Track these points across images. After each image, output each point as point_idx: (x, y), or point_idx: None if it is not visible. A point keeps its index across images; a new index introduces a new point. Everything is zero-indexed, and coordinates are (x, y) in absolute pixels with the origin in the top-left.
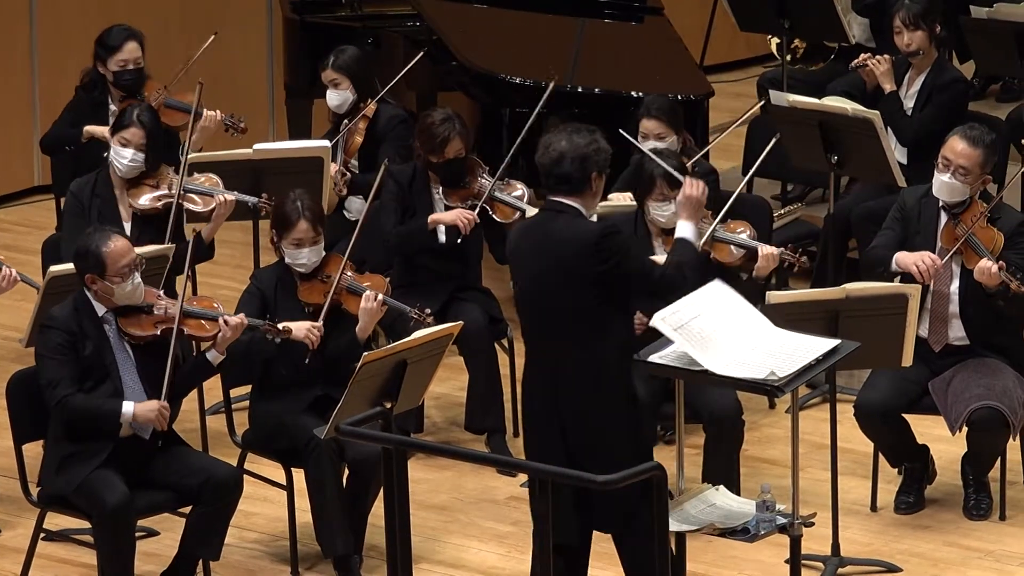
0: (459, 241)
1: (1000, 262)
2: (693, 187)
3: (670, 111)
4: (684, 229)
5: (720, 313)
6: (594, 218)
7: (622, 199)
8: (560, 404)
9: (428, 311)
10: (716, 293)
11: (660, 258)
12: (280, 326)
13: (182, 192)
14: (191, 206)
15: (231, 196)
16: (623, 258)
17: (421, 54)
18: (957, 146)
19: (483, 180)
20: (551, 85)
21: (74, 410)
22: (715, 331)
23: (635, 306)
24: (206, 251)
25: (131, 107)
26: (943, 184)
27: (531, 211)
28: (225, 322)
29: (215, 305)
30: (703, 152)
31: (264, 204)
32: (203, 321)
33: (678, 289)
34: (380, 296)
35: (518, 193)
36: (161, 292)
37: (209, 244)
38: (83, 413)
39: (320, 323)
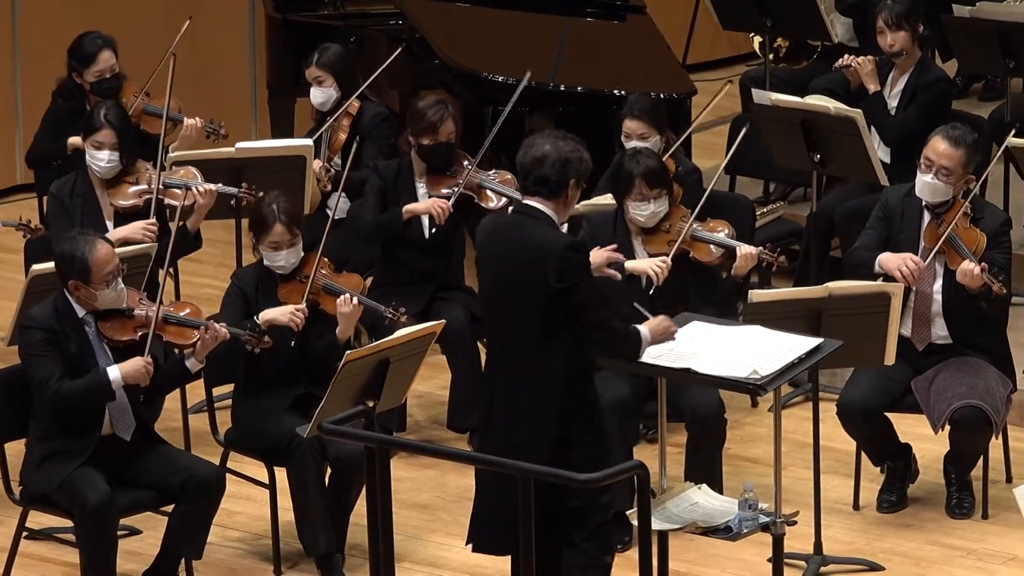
0: (433, 231)
1: (982, 263)
2: (665, 323)
3: (653, 111)
4: (644, 332)
5: (694, 334)
6: (564, 228)
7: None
8: (510, 410)
9: (403, 310)
10: (686, 324)
11: (636, 263)
12: (261, 333)
13: (161, 187)
14: (172, 201)
15: (211, 187)
16: (580, 280)
17: (400, 49)
18: (939, 146)
19: (468, 168)
20: (524, 80)
21: (68, 396)
22: (694, 348)
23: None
24: (192, 242)
25: (97, 108)
26: (925, 184)
27: (517, 196)
28: (206, 331)
29: (194, 311)
30: (680, 140)
31: (246, 194)
32: (184, 328)
33: (624, 356)
34: (356, 298)
35: (505, 180)
36: (144, 295)
37: (195, 234)
38: (77, 395)
39: (303, 304)
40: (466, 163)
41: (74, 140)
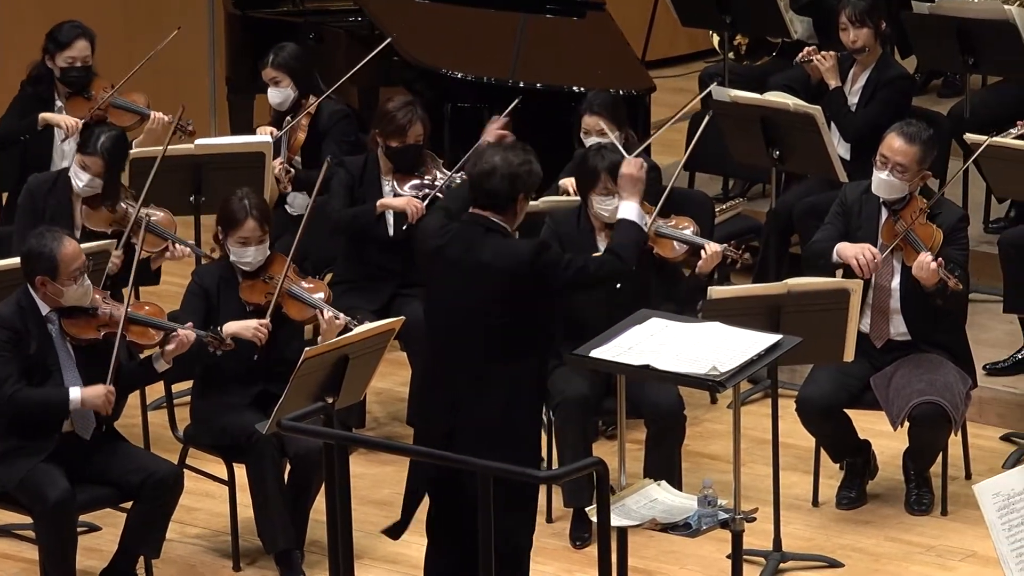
0: (404, 228)
1: (939, 259)
2: (629, 165)
3: (612, 107)
4: (626, 209)
5: (653, 331)
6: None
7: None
8: (455, 420)
9: (360, 317)
10: (645, 321)
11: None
12: (223, 336)
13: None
14: (136, 241)
15: (184, 249)
16: (559, 270)
17: (375, 52)
18: (894, 143)
19: (438, 170)
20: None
21: (24, 403)
22: (653, 344)
23: (574, 300)
24: (152, 277)
25: (99, 132)
26: (881, 182)
27: None
28: (176, 335)
29: (160, 312)
30: (643, 146)
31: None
32: (148, 328)
33: (619, 274)
34: (341, 318)
35: None
36: (107, 295)
37: (156, 271)
38: (33, 406)
39: (267, 320)
40: (433, 166)
41: (47, 116)
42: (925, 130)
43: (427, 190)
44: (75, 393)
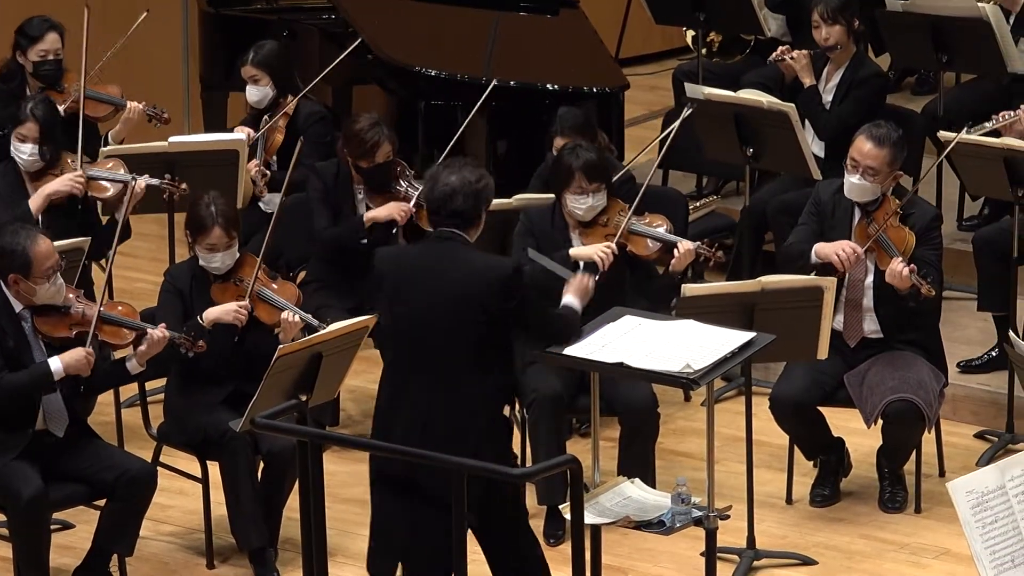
0: (394, 232)
1: (911, 264)
2: (584, 281)
3: (583, 125)
4: (571, 302)
5: (626, 329)
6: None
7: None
8: (424, 438)
9: (329, 321)
10: (618, 319)
11: (580, 250)
12: (205, 321)
13: (87, 179)
14: (98, 193)
15: (142, 183)
16: (528, 296)
17: (350, 50)
18: (864, 147)
19: (409, 184)
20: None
21: (10, 388)
22: (627, 342)
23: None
24: (123, 231)
25: (26, 101)
26: (853, 186)
27: None
28: (147, 336)
29: (133, 312)
30: (621, 173)
31: (168, 186)
32: (121, 328)
33: (563, 339)
34: (298, 317)
35: None
36: (80, 293)
37: (124, 224)
38: (19, 387)
39: (247, 301)
40: (407, 182)
41: None
42: (894, 131)
43: (413, 197)
44: (55, 363)
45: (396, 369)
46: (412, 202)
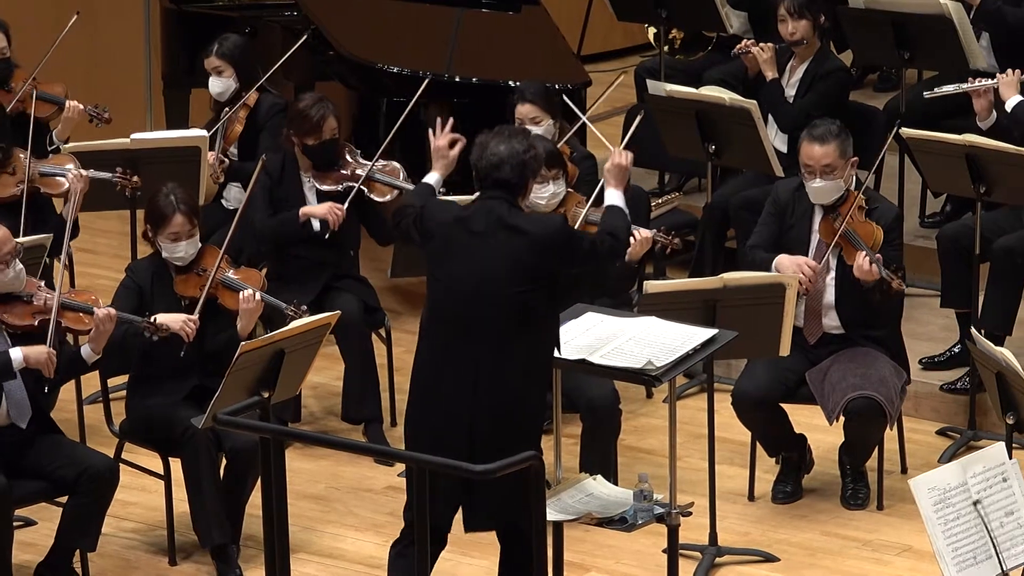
0: (327, 236)
1: (878, 256)
2: (621, 155)
3: (545, 95)
4: (613, 197)
5: (589, 325)
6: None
7: None
8: (478, 400)
9: (305, 308)
10: (581, 315)
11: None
12: (157, 322)
13: (37, 175)
14: (51, 189)
15: (84, 172)
16: (580, 242)
17: (302, 40)
18: (811, 151)
19: (357, 161)
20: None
21: None
22: (589, 339)
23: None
24: (72, 230)
25: None
26: (817, 189)
27: (409, 188)
28: (100, 312)
29: (94, 299)
30: (574, 129)
31: (120, 179)
32: (81, 314)
33: (617, 253)
34: (259, 294)
35: (393, 170)
36: (42, 283)
37: (74, 223)
38: None
39: (196, 316)
40: (355, 160)
41: None
42: (832, 124)
43: (347, 184)
44: (16, 353)
45: (440, 333)
46: (351, 196)
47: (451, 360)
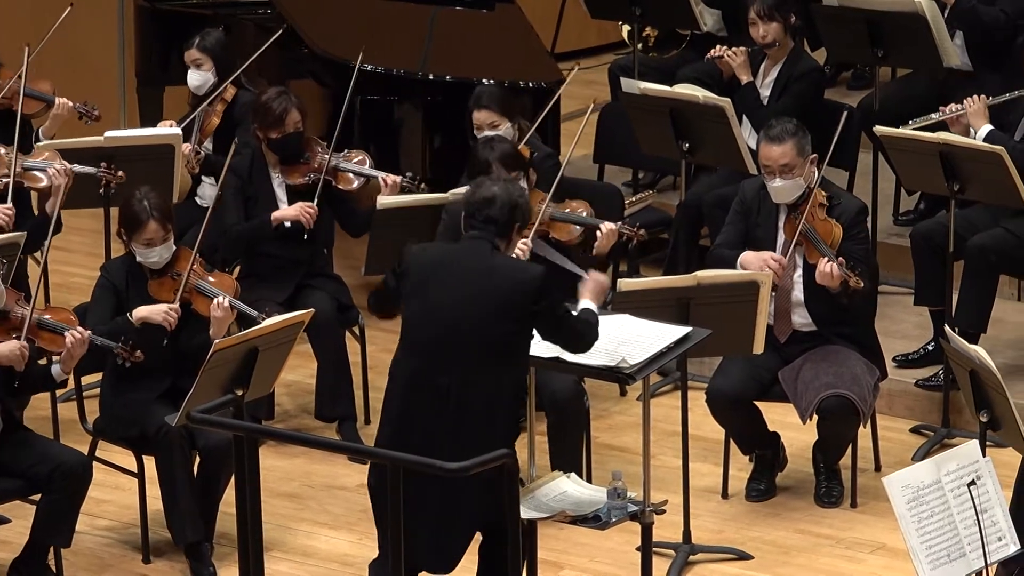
0: (304, 236)
1: (839, 258)
2: (601, 279)
3: (501, 99)
4: (588, 304)
5: None
6: None
7: None
8: (444, 430)
9: (268, 310)
10: None
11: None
12: (135, 318)
13: (20, 170)
14: (33, 184)
15: (68, 166)
16: (556, 300)
17: (279, 34)
18: (769, 152)
19: (322, 153)
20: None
21: None
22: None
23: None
24: (54, 225)
25: None
26: (778, 189)
27: (376, 174)
28: (72, 337)
29: (71, 319)
30: (533, 127)
31: (105, 173)
32: (57, 336)
33: (586, 344)
34: (228, 300)
35: (359, 159)
36: (21, 296)
37: (56, 217)
38: None
39: (176, 304)
40: (319, 148)
41: None
42: (788, 122)
43: (313, 176)
44: None
45: (415, 357)
46: (317, 191)
47: (422, 387)
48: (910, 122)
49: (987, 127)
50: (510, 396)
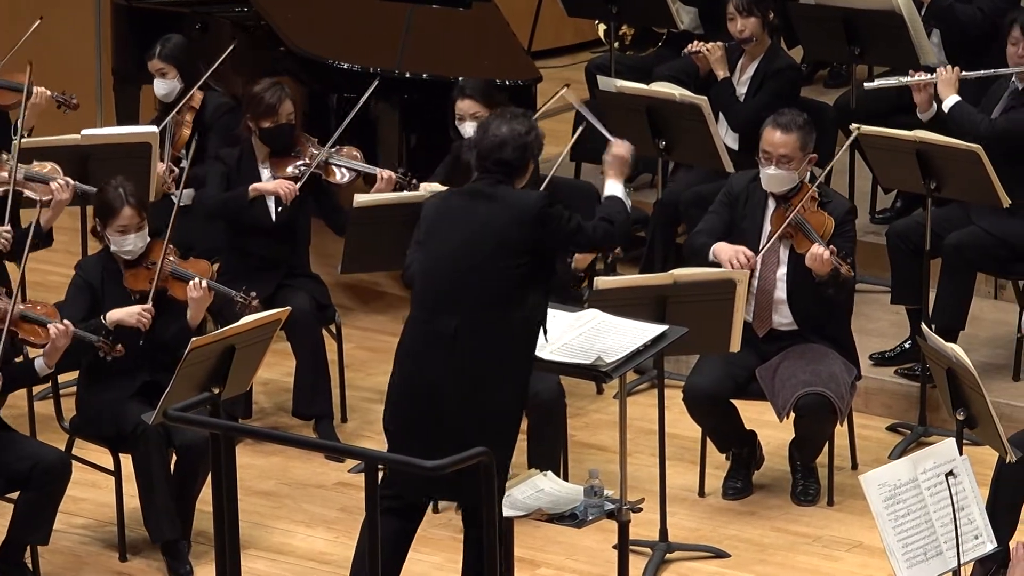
0: (279, 209)
1: (831, 246)
2: (621, 145)
3: (485, 90)
4: (613, 188)
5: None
6: None
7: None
8: (452, 374)
9: (254, 295)
10: None
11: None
12: (108, 322)
13: (20, 179)
14: (29, 193)
15: (71, 182)
16: (563, 222)
17: (232, 47)
18: (773, 137)
19: (313, 148)
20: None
21: None
22: (540, 337)
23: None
24: (44, 239)
25: None
26: (770, 177)
27: (372, 170)
28: (55, 329)
29: (52, 311)
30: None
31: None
32: (38, 327)
33: (612, 240)
34: (205, 282)
35: (352, 155)
36: (2, 291)
37: (47, 232)
38: None
39: (150, 304)
40: (309, 145)
41: None
42: (799, 115)
43: (303, 167)
44: None
45: (420, 308)
46: (305, 176)
47: (429, 334)
48: (875, 81)
49: (955, 98)
50: (523, 343)
